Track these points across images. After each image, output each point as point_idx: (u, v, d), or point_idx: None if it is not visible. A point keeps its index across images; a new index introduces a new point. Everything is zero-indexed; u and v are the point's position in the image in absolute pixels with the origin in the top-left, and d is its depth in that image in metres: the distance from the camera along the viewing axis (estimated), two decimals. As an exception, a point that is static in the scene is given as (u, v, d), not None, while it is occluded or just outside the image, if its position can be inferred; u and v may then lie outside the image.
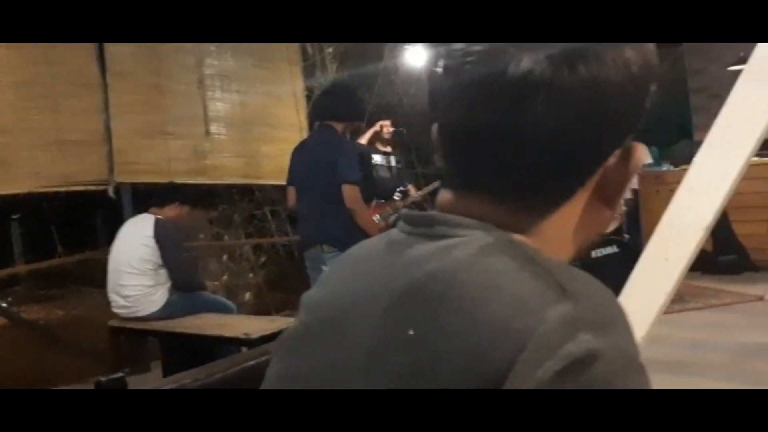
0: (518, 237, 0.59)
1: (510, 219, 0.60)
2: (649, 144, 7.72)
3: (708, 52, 6.88)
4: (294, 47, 4.90)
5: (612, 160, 0.61)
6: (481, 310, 0.53)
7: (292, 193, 3.74)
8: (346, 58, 5.42)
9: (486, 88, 0.57)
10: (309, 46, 5.20)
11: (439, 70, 0.62)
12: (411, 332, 0.55)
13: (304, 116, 4.99)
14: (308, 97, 5.22)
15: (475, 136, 0.59)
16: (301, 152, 3.75)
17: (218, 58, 4.57)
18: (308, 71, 5.21)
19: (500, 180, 0.60)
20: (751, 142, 2.24)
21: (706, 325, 4.63)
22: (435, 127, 0.64)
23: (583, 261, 2.89)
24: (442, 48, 0.63)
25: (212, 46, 4.57)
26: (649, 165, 7.05)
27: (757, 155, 6.59)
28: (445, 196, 0.64)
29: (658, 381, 2.18)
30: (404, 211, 0.66)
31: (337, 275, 0.69)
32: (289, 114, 4.84)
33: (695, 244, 2.38)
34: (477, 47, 0.58)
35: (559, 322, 0.50)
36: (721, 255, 6.19)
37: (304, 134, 4.99)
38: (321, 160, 3.47)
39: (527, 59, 0.55)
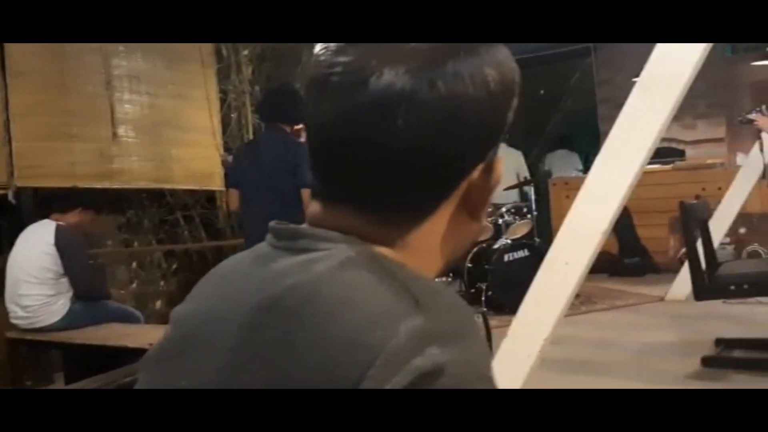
0: (382, 250, 0.60)
1: (376, 232, 0.60)
2: (578, 152, 7.98)
3: (614, 64, 7.20)
4: (207, 49, 4.80)
5: (476, 173, 0.62)
6: (334, 325, 0.53)
7: (235, 195, 3.63)
8: (262, 60, 5.35)
9: (348, 100, 0.57)
10: (224, 48, 5.10)
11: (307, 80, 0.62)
12: (265, 348, 0.55)
13: (217, 119, 4.89)
14: (222, 100, 5.12)
15: (338, 148, 0.59)
16: (251, 154, 3.67)
17: (127, 59, 4.42)
18: (223, 73, 5.12)
19: (365, 193, 0.60)
20: (644, 151, 2.36)
21: (611, 325, 4.83)
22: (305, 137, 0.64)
23: (495, 264, 2.98)
24: (312, 59, 0.64)
25: (120, 46, 4.41)
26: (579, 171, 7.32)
27: (659, 163, 6.95)
28: (313, 207, 0.64)
29: (565, 381, 2.25)
30: (271, 224, 0.65)
31: (203, 289, 0.67)
32: (201, 117, 4.74)
33: (593, 249, 2.48)
34: (342, 58, 0.59)
35: (409, 336, 0.51)
36: (627, 258, 6.48)
37: (219, 138, 4.89)
38: (278, 163, 3.38)
39: (388, 73, 0.56)
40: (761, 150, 4.39)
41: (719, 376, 3.53)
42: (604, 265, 6.59)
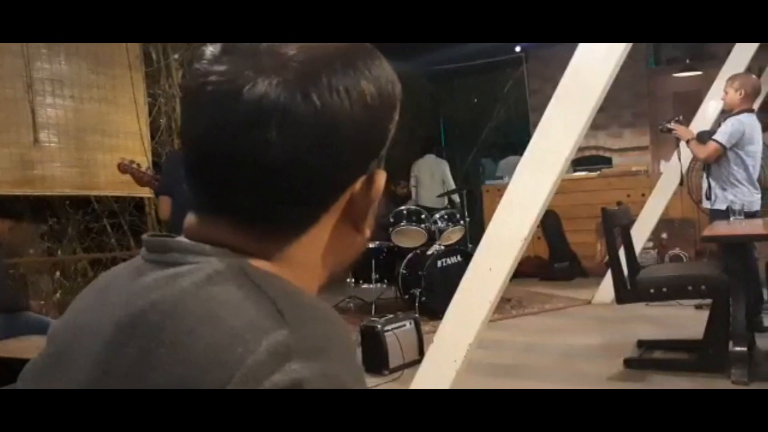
0: (258, 263, 0.59)
1: (253, 245, 0.60)
2: (493, 159, 8.17)
3: (544, 73, 7.39)
4: (135, 51, 4.69)
5: (357, 185, 0.62)
6: (195, 342, 0.52)
7: (166, 202, 3.51)
8: (192, 64, 5.26)
9: (221, 111, 0.57)
10: (153, 52, 4.99)
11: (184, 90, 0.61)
12: (126, 366, 0.54)
13: (145, 124, 4.78)
14: (152, 105, 5.01)
15: (211, 161, 0.58)
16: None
17: (49, 62, 4.27)
18: (152, 77, 5.01)
19: (239, 206, 0.59)
20: (562, 160, 2.43)
21: (539, 328, 4.95)
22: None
23: (429, 270, 2.99)
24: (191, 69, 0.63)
25: (43, 48, 4.27)
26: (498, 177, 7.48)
27: (587, 170, 7.14)
28: (189, 220, 0.63)
29: (492, 384, 2.28)
30: (144, 236, 0.64)
31: (80, 302, 0.66)
32: (129, 121, 4.62)
33: (515, 255, 2.53)
34: (217, 67, 0.58)
35: (270, 351, 0.51)
36: (556, 262, 6.66)
37: (147, 143, 4.78)
38: None
39: (262, 84, 0.56)
40: (679, 158, 4.58)
41: (639, 377, 3.66)
42: (534, 270, 6.76)
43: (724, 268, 3.55)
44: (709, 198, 4.25)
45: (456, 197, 6.65)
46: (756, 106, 5.36)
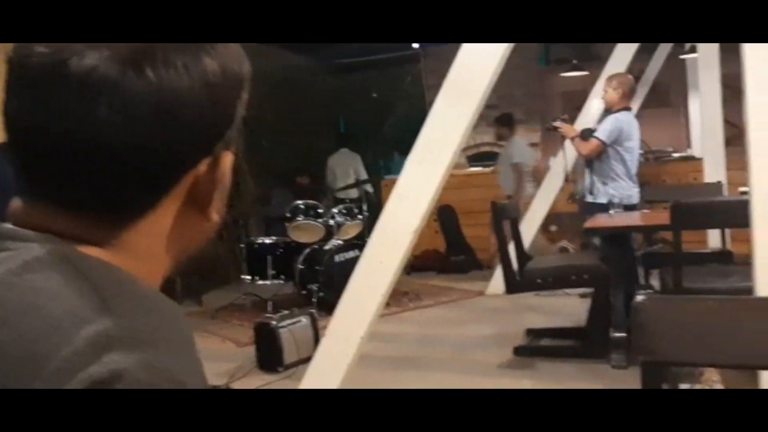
0: (88, 250, 0.55)
1: (84, 231, 0.55)
2: (400, 153, 8.25)
3: (440, 70, 7.52)
4: None
5: (202, 168, 0.59)
6: (9, 333, 0.48)
7: None
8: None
9: (46, 85, 0.52)
10: None
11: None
12: None
13: None
14: None
15: (36, 140, 0.54)
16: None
17: None
18: None
19: (67, 189, 0.55)
20: (449, 154, 2.47)
21: (435, 320, 5.04)
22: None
23: (326, 265, 2.94)
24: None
25: None
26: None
27: (482, 165, 7.32)
28: (14, 204, 0.58)
29: (388, 377, 2.28)
30: None
31: None
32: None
33: (405, 247, 2.56)
34: (48, 46, 0.54)
35: (88, 342, 0.47)
36: (453, 256, 6.81)
37: None
38: None
39: (91, 56, 0.52)
40: (564, 155, 4.78)
41: (528, 364, 3.80)
42: (432, 264, 6.88)
43: (603, 257, 3.74)
44: (591, 192, 4.46)
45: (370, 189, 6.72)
46: (636, 106, 5.70)
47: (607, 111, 4.47)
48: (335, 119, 8.70)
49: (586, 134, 4.43)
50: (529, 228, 5.44)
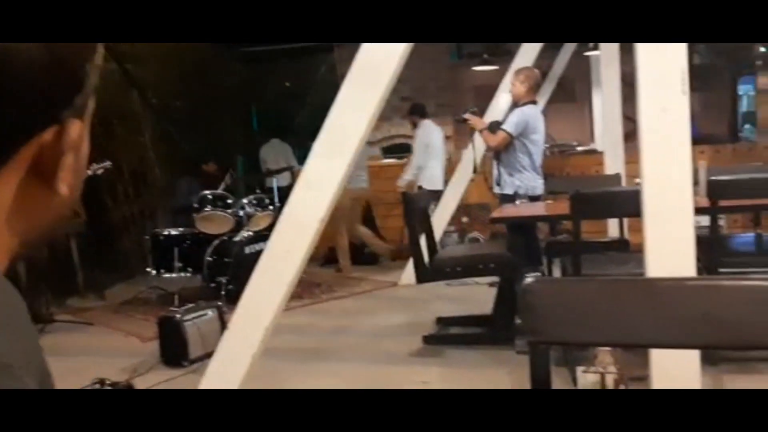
0: None
1: None
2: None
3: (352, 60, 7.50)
4: None
5: (47, 136, 0.55)
6: None
7: None
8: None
9: None
10: None
11: None
12: None
13: None
14: None
15: None
16: None
17: None
18: None
19: None
20: (355, 142, 2.46)
21: (348, 311, 5.04)
22: None
23: (236, 257, 2.84)
24: None
25: None
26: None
27: (396, 157, 7.34)
28: None
29: (301, 369, 2.23)
30: None
31: None
32: None
33: (312, 236, 2.53)
34: None
35: None
36: (366, 247, 6.81)
37: None
38: None
39: None
40: (473, 147, 4.86)
41: (437, 352, 3.86)
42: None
43: (509, 247, 3.83)
44: (498, 184, 4.57)
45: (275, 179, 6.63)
46: (543, 101, 5.87)
47: (515, 104, 4.58)
48: (247, 108, 8.53)
49: (494, 127, 4.51)
50: (442, 218, 5.52)
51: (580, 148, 6.93)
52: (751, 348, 2.38)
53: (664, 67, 2.22)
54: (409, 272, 5.53)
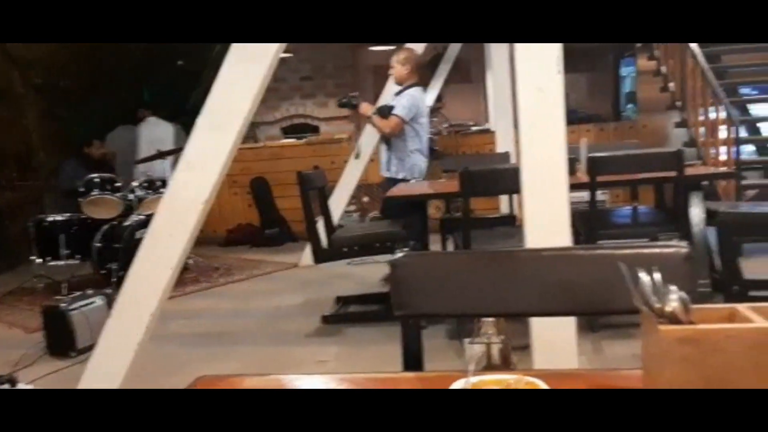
0: None
1: None
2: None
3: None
4: None
5: None
6: None
7: None
8: None
9: None
10: None
11: None
12: None
13: None
14: None
15: None
16: None
17: None
18: None
19: None
20: (240, 121, 2.41)
21: (247, 294, 4.98)
22: None
23: (126, 243, 2.72)
24: None
25: None
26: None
27: (296, 137, 7.27)
28: None
29: (198, 353, 2.17)
30: None
31: None
32: None
33: (196, 218, 2.47)
34: None
35: None
36: (267, 228, 6.74)
37: None
38: None
39: None
40: (359, 131, 4.85)
41: (335, 331, 3.88)
42: (246, 237, 6.78)
43: (403, 225, 3.89)
44: (389, 169, 4.53)
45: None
46: (439, 82, 5.96)
47: (399, 86, 4.51)
48: (138, 87, 8.18)
49: (385, 111, 4.49)
50: (341, 198, 5.54)
51: (475, 128, 7.11)
52: (601, 314, 2.54)
53: (540, 48, 2.30)
54: (309, 253, 5.53)
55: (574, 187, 3.74)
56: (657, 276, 0.87)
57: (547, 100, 2.34)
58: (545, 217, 2.33)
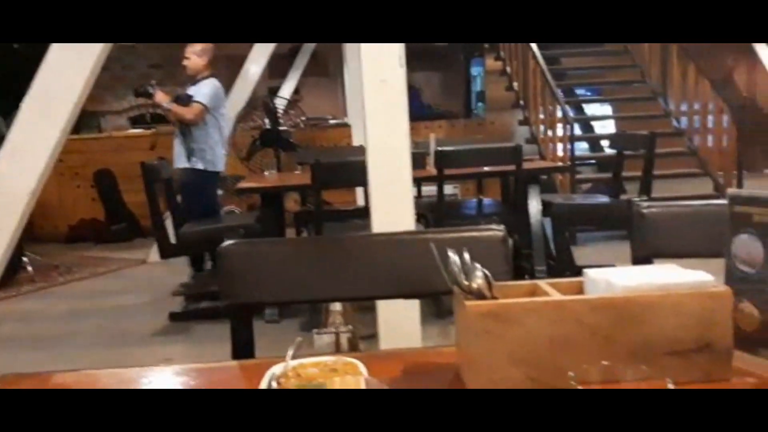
0: None
1: None
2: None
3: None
4: None
5: None
6: None
7: None
8: None
9: None
10: None
11: None
12: None
13: None
14: None
15: None
16: None
17: None
18: None
19: None
20: (68, 108, 2.25)
21: (89, 293, 4.68)
22: None
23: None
24: None
25: None
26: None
27: (143, 128, 6.94)
28: None
29: (28, 358, 1.96)
30: None
31: None
32: None
33: (22, 210, 2.28)
34: None
35: None
36: (113, 224, 6.38)
37: None
38: None
39: None
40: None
41: (182, 329, 3.75)
42: (90, 234, 6.38)
43: (257, 218, 3.83)
44: (189, 160, 4.30)
45: None
46: (296, 75, 5.90)
47: (192, 77, 4.34)
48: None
49: (183, 99, 4.27)
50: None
51: (332, 121, 7.14)
52: (426, 296, 2.64)
53: (383, 44, 2.35)
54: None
55: (425, 179, 3.89)
56: (466, 256, 0.91)
57: (390, 91, 2.38)
58: (390, 206, 2.38)
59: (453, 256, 0.90)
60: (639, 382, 0.71)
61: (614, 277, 0.89)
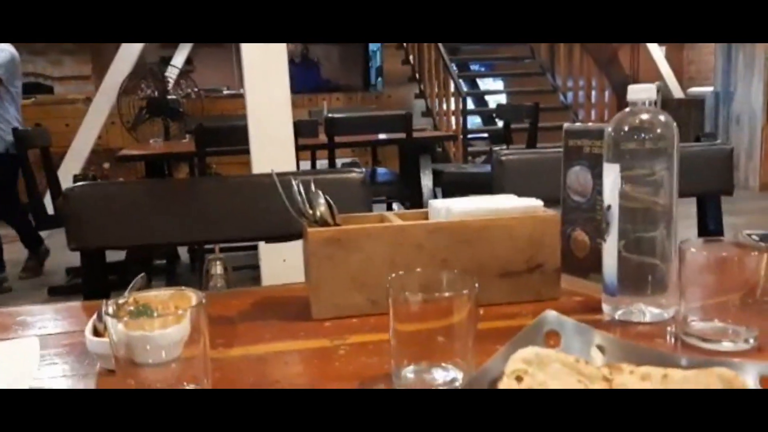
0: None
1: None
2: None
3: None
4: None
5: None
6: None
7: None
8: None
9: None
10: None
11: None
12: None
13: None
14: None
15: None
16: None
17: None
18: None
19: None
20: None
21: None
22: None
23: None
24: None
25: None
26: None
27: (26, 98, 6.53)
28: None
29: None
30: None
31: None
32: None
33: None
34: None
35: None
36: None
37: None
38: None
39: None
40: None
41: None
42: None
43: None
44: None
45: None
46: (187, 47, 5.63)
47: None
48: None
49: None
50: (75, 163, 5.13)
51: (227, 92, 6.97)
52: (284, 239, 2.62)
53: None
54: (36, 222, 5.03)
55: (317, 147, 3.87)
56: (312, 186, 0.91)
57: (271, 60, 2.36)
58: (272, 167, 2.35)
59: (296, 187, 0.89)
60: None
61: (454, 204, 0.92)
